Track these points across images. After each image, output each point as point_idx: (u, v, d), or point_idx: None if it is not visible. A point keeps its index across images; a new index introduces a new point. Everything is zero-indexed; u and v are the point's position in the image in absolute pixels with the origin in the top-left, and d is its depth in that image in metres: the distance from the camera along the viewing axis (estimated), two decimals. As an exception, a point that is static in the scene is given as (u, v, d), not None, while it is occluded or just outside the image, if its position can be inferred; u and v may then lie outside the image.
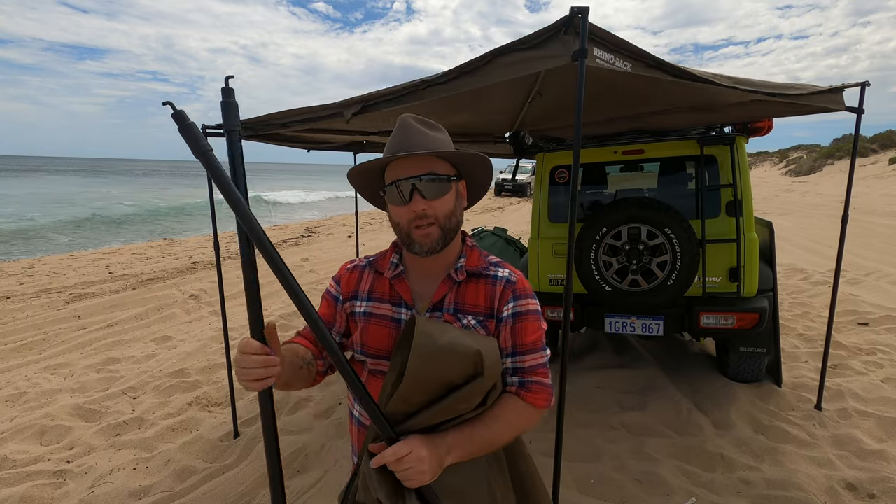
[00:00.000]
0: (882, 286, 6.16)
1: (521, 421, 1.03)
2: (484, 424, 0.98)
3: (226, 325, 3.20)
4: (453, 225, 1.05)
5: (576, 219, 1.80)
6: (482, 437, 0.97)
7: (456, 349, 0.92)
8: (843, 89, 2.64)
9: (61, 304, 6.25)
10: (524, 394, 1.04)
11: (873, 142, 29.30)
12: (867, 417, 3.08)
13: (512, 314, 1.04)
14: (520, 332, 1.04)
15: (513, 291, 1.05)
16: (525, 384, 1.04)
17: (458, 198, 1.07)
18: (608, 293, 3.13)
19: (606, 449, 2.82)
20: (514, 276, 1.08)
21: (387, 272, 1.11)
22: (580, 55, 1.57)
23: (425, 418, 0.93)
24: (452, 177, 1.04)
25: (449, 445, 0.93)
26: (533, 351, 1.05)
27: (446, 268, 1.09)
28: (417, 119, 1.05)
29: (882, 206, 14.95)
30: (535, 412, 1.05)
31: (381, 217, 19.14)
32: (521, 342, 1.04)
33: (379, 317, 1.09)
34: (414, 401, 0.93)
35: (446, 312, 1.05)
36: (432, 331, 0.94)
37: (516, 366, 1.05)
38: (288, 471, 2.74)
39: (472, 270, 1.08)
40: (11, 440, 3.09)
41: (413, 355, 0.91)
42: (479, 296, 1.06)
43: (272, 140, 3.64)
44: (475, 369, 0.92)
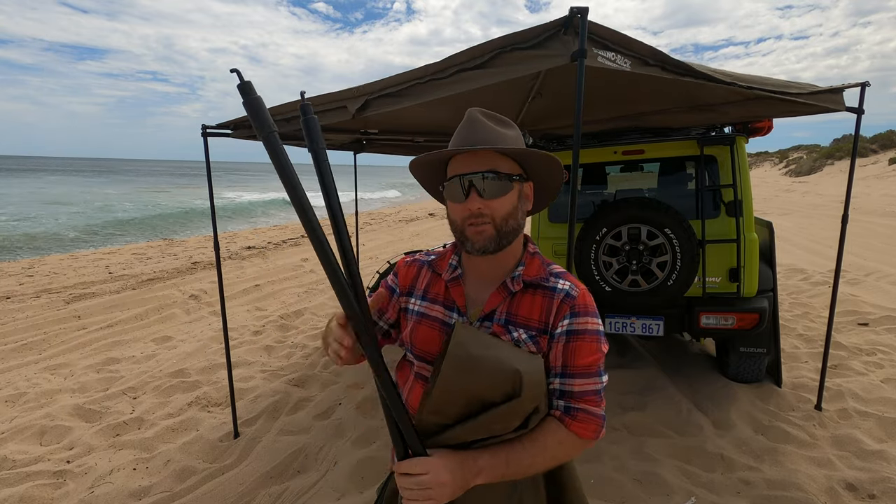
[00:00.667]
0: (882, 286, 6.16)
1: (562, 450, 0.95)
2: (523, 449, 0.91)
3: (226, 325, 3.20)
4: (510, 228, 0.98)
5: (576, 219, 1.80)
6: (518, 462, 0.90)
7: (491, 364, 0.87)
8: (844, 90, 2.64)
9: (61, 304, 6.25)
10: (569, 421, 0.95)
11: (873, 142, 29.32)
12: (867, 418, 3.08)
13: (566, 331, 0.96)
14: (572, 353, 0.95)
15: (571, 307, 0.97)
16: (571, 411, 0.95)
17: (520, 199, 1.00)
18: (608, 293, 3.13)
19: (606, 449, 2.82)
20: (576, 290, 0.99)
21: (444, 274, 1.06)
22: (579, 55, 1.57)
23: (458, 434, 0.89)
24: (515, 176, 0.97)
25: (480, 468, 0.88)
26: (585, 375, 0.95)
27: (503, 274, 1.02)
28: (485, 113, 0.99)
29: (882, 206, 14.95)
30: (579, 443, 0.96)
31: (380, 217, 19.13)
32: (572, 363, 0.95)
33: (431, 318, 1.05)
34: (447, 413, 0.89)
35: (496, 323, 0.99)
36: (469, 341, 0.89)
37: (564, 388, 0.96)
38: (288, 471, 2.74)
39: (530, 280, 1.00)
40: (11, 440, 3.09)
41: (445, 364, 0.87)
42: (535, 308, 0.98)
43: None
44: (513, 388, 0.87)
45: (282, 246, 11.73)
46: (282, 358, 4.45)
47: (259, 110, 0.73)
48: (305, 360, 4.37)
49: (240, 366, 4.22)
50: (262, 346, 4.70)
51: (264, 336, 5.04)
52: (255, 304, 6.37)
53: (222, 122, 2.83)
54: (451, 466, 0.86)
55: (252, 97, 0.73)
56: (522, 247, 1.06)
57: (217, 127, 2.84)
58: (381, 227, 15.46)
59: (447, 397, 0.87)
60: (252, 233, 14.48)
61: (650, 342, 4.48)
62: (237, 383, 3.82)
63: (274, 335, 5.05)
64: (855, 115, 2.74)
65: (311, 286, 7.25)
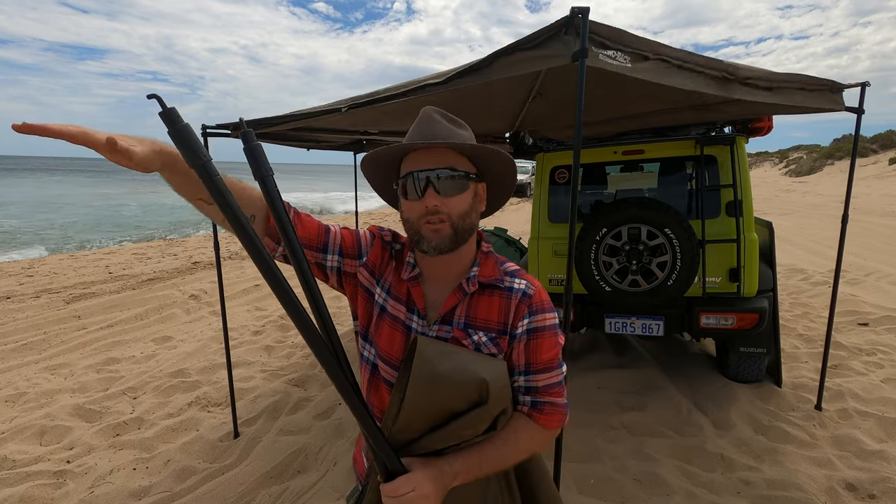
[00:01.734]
0: (882, 286, 6.16)
1: (532, 443, 0.98)
2: (494, 448, 0.93)
3: (226, 326, 3.20)
4: (466, 226, 0.97)
5: (576, 219, 1.80)
6: (491, 460, 0.93)
7: (457, 377, 0.87)
8: (844, 89, 2.64)
9: (61, 304, 6.25)
10: (536, 415, 0.98)
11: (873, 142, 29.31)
12: (867, 418, 3.08)
13: (527, 330, 0.97)
14: (534, 350, 0.97)
15: (528, 306, 0.98)
16: (538, 405, 0.98)
17: (475, 199, 1.00)
18: (608, 293, 3.13)
19: (606, 449, 2.82)
20: (532, 287, 1.00)
21: (403, 273, 1.04)
22: (580, 55, 1.57)
23: (427, 444, 0.90)
24: (472, 175, 0.98)
25: (456, 472, 0.90)
26: (548, 370, 0.98)
27: (459, 275, 1.02)
28: (441, 113, 1.00)
29: (882, 206, 14.95)
30: (547, 434, 1.00)
31: (381, 217, 19.13)
32: (535, 360, 0.98)
33: (393, 318, 1.03)
34: (416, 427, 0.89)
35: (456, 327, 0.98)
36: (433, 356, 0.89)
37: (529, 384, 0.98)
38: (288, 471, 2.74)
39: (486, 281, 1.00)
40: (11, 440, 3.09)
41: (411, 384, 0.87)
42: (493, 310, 0.99)
43: (272, 140, 3.64)
44: (479, 396, 0.88)
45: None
46: (282, 358, 4.45)
47: (188, 139, 0.66)
48: (305, 360, 4.37)
49: (240, 366, 4.22)
50: (262, 346, 4.70)
51: (264, 336, 5.04)
52: (255, 304, 6.37)
53: (222, 123, 2.83)
54: (431, 476, 0.87)
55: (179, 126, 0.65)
56: (476, 246, 1.05)
57: (217, 127, 2.84)
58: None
59: (416, 416, 0.88)
60: (252, 233, 14.47)
61: (650, 342, 4.48)
62: (237, 383, 3.82)
63: (274, 335, 5.05)
64: (855, 114, 2.75)
65: (311, 286, 7.25)
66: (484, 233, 5.92)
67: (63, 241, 13.85)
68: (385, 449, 0.87)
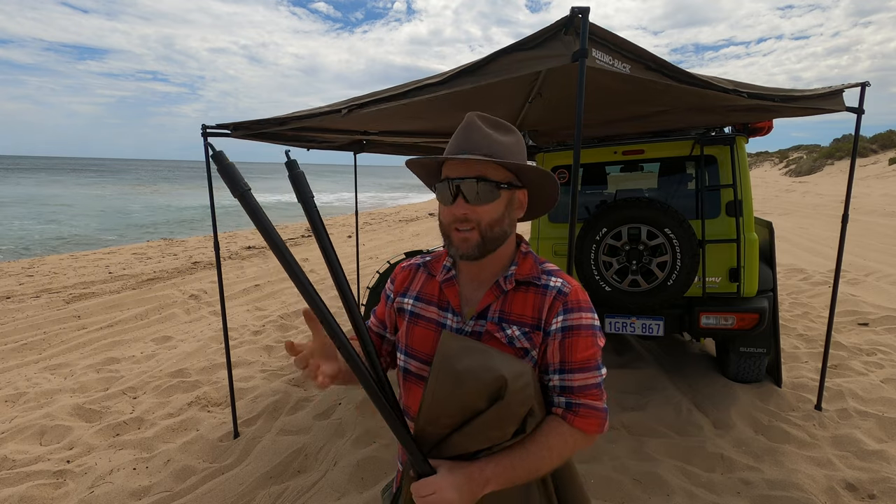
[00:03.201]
0: (882, 286, 6.16)
1: (567, 447, 0.95)
2: (527, 452, 0.92)
3: (226, 325, 3.20)
4: (496, 234, 0.98)
5: (576, 219, 1.80)
6: (525, 465, 0.91)
7: (476, 373, 0.88)
8: (843, 90, 2.64)
9: (61, 304, 6.25)
10: (571, 417, 0.95)
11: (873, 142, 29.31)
12: (867, 418, 3.08)
13: (562, 328, 0.96)
14: (569, 348, 0.96)
15: (564, 304, 0.97)
16: (573, 406, 0.96)
17: (509, 206, 1.00)
18: (608, 293, 3.13)
19: (606, 449, 2.82)
20: (568, 286, 0.99)
21: (439, 275, 1.08)
22: (580, 55, 1.57)
23: (458, 442, 0.90)
24: (503, 185, 0.97)
25: (487, 479, 0.89)
26: (584, 370, 0.96)
27: (496, 274, 1.03)
28: (484, 118, 0.99)
29: (882, 206, 14.95)
30: (583, 438, 0.96)
31: (380, 217, 19.14)
32: (570, 359, 0.96)
33: (426, 319, 1.07)
34: (442, 422, 0.90)
35: (490, 321, 1.00)
36: (453, 353, 0.91)
37: (564, 384, 0.97)
38: (288, 471, 2.74)
39: (523, 279, 1.01)
40: (11, 440, 3.09)
41: (431, 377, 0.89)
42: (527, 305, 0.99)
43: (272, 139, 3.64)
44: (497, 392, 0.87)
45: (282, 246, 11.73)
46: (282, 358, 4.45)
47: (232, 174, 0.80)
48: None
49: (240, 366, 4.22)
50: (262, 346, 4.70)
51: (264, 336, 5.04)
52: (255, 303, 6.37)
53: (222, 123, 2.83)
54: (457, 483, 0.87)
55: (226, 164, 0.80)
56: (515, 247, 1.07)
57: (217, 127, 2.84)
58: (382, 227, 15.46)
59: (438, 408, 0.89)
60: (252, 233, 14.48)
61: (650, 342, 4.48)
62: (237, 383, 3.83)
63: (274, 335, 5.05)
64: (855, 115, 2.75)
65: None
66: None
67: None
68: (412, 449, 0.90)
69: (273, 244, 0.82)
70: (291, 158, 0.94)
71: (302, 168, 0.85)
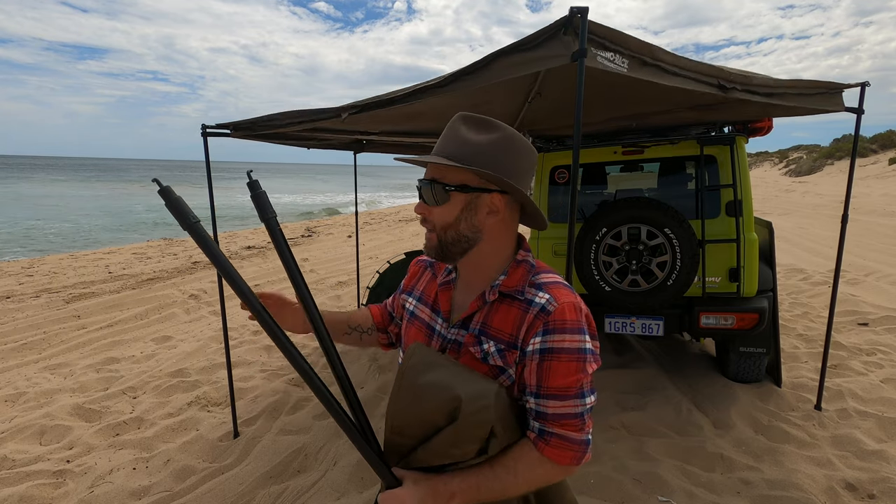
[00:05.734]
0: (882, 286, 6.16)
1: (536, 475, 0.90)
2: (493, 474, 0.88)
3: (226, 325, 3.20)
4: (450, 238, 0.95)
5: (576, 219, 1.80)
6: (490, 486, 0.88)
7: (434, 389, 0.87)
8: (843, 89, 2.64)
9: (61, 303, 6.25)
10: (542, 445, 0.89)
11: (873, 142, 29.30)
12: (867, 418, 3.08)
13: (539, 350, 0.89)
14: (546, 373, 0.89)
15: (545, 323, 0.89)
16: (545, 435, 0.89)
17: (467, 210, 0.94)
18: (608, 293, 3.13)
19: (606, 449, 2.82)
20: (554, 304, 0.90)
21: (439, 277, 1.09)
22: (580, 55, 1.57)
23: (423, 456, 0.89)
24: (451, 186, 0.93)
25: (452, 493, 0.88)
26: (560, 397, 0.88)
27: (484, 283, 0.99)
28: (465, 118, 0.96)
29: (882, 206, 14.95)
30: (554, 469, 0.90)
31: (381, 217, 19.14)
32: (546, 384, 0.89)
33: (419, 320, 1.08)
34: (406, 434, 0.90)
35: (470, 333, 0.97)
36: (418, 365, 0.91)
37: (538, 409, 0.90)
38: (288, 471, 2.74)
39: (507, 291, 0.96)
40: (11, 440, 3.09)
41: (394, 389, 0.91)
42: (508, 321, 0.94)
43: (272, 139, 3.64)
44: (454, 413, 0.85)
45: (282, 246, 11.72)
46: (282, 358, 4.45)
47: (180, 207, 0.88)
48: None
49: (240, 365, 4.22)
50: (262, 346, 4.70)
51: (264, 336, 5.04)
52: (255, 303, 6.36)
53: (222, 123, 2.83)
54: (420, 495, 0.87)
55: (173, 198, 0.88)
56: (513, 253, 1.01)
57: (217, 127, 2.84)
58: (381, 227, 15.46)
59: (400, 419, 0.90)
60: (252, 233, 14.48)
61: (650, 342, 4.48)
62: (237, 383, 3.82)
63: (274, 335, 5.05)
64: (855, 115, 2.75)
65: (312, 286, 7.24)
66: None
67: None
68: (373, 460, 0.91)
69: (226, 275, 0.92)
70: (253, 179, 0.98)
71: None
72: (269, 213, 0.97)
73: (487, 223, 0.96)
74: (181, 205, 0.87)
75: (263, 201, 0.96)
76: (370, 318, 1.26)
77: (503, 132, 0.94)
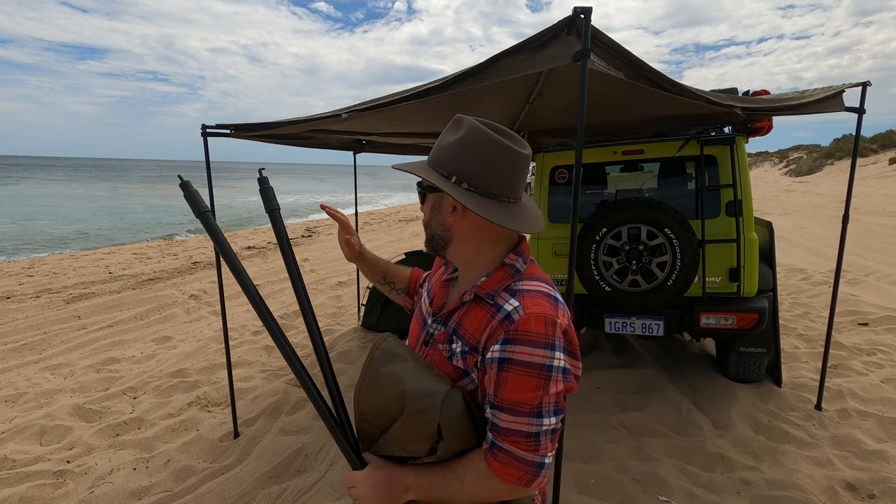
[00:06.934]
0: (882, 286, 6.16)
1: (482, 489, 0.86)
2: (443, 476, 0.88)
3: (226, 325, 3.20)
4: (430, 234, 1.03)
5: (577, 219, 1.80)
6: (439, 489, 0.88)
7: (388, 382, 0.91)
8: (843, 90, 2.64)
9: (61, 304, 6.25)
10: (489, 458, 0.85)
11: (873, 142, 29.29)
12: (867, 418, 3.08)
13: (498, 358, 0.85)
14: (501, 384, 0.84)
15: (506, 332, 0.85)
16: (494, 448, 0.85)
17: (434, 209, 1.00)
18: (608, 293, 3.13)
19: (606, 449, 2.82)
20: (520, 312, 0.85)
21: (446, 273, 1.13)
22: (582, 55, 1.57)
23: (384, 445, 0.92)
24: (421, 188, 1.01)
25: (407, 486, 0.90)
26: (512, 412, 0.83)
27: (471, 282, 1.00)
28: (454, 121, 0.97)
29: (882, 206, 14.95)
30: (501, 485, 0.86)
31: (381, 217, 19.14)
32: (500, 395, 0.85)
33: (420, 310, 1.14)
34: (370, 422, 0.93)
35: (445, 329, 0.99)
36: (382, 356, 0.95)
37: (492, 419, 0.87)
38: (288, 471, 2.74)
39: (482, 293, 0.94)
40: (11, 440, 3.09)
41: (360, 375, 0.95)
42: (476, 323, 0.92)
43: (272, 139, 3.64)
44: (401, 409, 0.87)
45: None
46: (282, 358, 4.45)
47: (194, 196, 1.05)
48: (305, 360, 4.37)
49: (240, 366, 4.22)
50: (262, 346, 4.70)
51: (264, 336, 5.04)
52: (255, 303, 6.37)
53: (222, 123, 2.83)
54: (375, 480, 0.91)
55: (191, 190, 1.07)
56: (502, 255, 0.98)
57: (217, 127, 2.84)
58: (382, 227, 15.46)
59: (362, 405, 0.94)
60: (252, 233, 14.49)
61: (650, 342, 4.48)
62: (237, 383, 3.82)
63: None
64: (855, 114, 2.75)
65: (311, 286, 7.24)
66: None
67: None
68: (341, 443, 0.98)
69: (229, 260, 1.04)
70: (263, 175, 1.13)
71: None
72: (274, 204, 1.11)
73: (452, 221, 0.98)
74: (196, 197, 1.03)
75: (270, 195, 1.12)
76: (406, 279, 1.36)
77: (465, 131, 0.92)
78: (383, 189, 45.92)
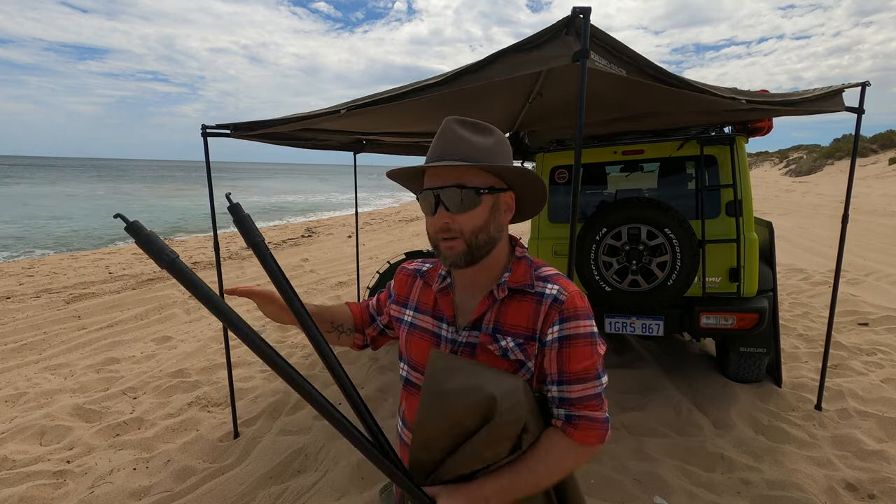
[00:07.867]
0: (882, 286, 6.16)
1: (567, 460, 0.93)
2: (526, 468, 0.90)
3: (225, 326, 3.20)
4: (481, 242, 0.95)
5: (577, 219, 1.80)
6: (525, 481, 0.89)
7: (465, 393, 0.86)
8: (843, 90, 2.64)
9: (61, 304, 6.25)
10: (570, 430, 0.92)
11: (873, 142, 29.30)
12: (867, 418, 3.08)
13: (558, 338, 0.92)
14: (567, 359, 0.92)
15: (560, 312, 0.93)
16: (572, 419, 0.92)
17: (494, 211, 0.96)
18: (608, 293, 3.13)
19: (606, 449, 2.82)
20: (564, 294, 0.94)
21: (434, 285, 1.07)
22: (582, 55, 1.57)
23: (452, 466, 0.89)
24: (483, 189, 0.93)
25: (486, 497, 0.88)
26: (583, 380, 0.92)
27: (490, 281, 1.00)
28: (461, 122, 0.95)
29: (882, 206, 14.95)
30: (583, 451, 0.93)
31: (381, 217, 19.14)
32: (568, 370, 0.92)
33: (421, 329, 1.07)
34: (434, 447, 0.89)
35: (484, 332, 0.97)
36: (440, 373, 0.90)
37: (562, 395, 0.93)
38: (288, 471, 2.74)
39: (516, 287, 0.97)
40: (11, 440, 3.09)
41: (421, 403, 0.89)
42: (522, 315, 0.96)
43: (272, 139, 3.64)
44: (489, 412, 0.85)
45: (282, 246, 11.74)
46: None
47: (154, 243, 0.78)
48: (305, 360, 4.37)
49: (240, 366, 4.22)
50: (262, 346, 4.70)
51: (264, 336, 5.04)
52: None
53: (222, 123, 2.83)
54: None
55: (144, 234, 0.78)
56: (510, 251, 1.03)
57: (217, 127, 2.84)
58: (381, 227, 15.46)
59: (429, 432, 0.88)
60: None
61: (650, 342, 4.48)
62: (237, 383, 3.82)
63: (274, 335, 5.05)
64: (855, 114, 2.74)
65: (312, 286, 7.24)
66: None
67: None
68: (404, 483, 0.89)
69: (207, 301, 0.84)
70: (234, 202, 0.92)
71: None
72: (257, 237, 0.91)
73: (505, 221, 1.01)
74: (154, 240, 0.78)
75: (248, 225, 0.91)
76: (351, 318, 1.23)
77: (498, 133, 0.98)
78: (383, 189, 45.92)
